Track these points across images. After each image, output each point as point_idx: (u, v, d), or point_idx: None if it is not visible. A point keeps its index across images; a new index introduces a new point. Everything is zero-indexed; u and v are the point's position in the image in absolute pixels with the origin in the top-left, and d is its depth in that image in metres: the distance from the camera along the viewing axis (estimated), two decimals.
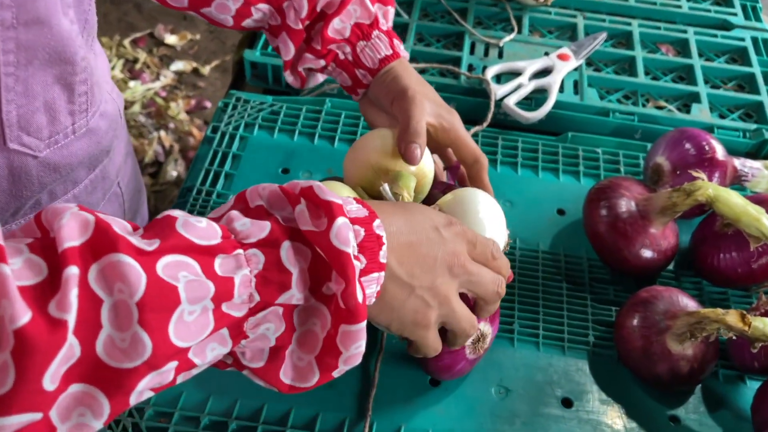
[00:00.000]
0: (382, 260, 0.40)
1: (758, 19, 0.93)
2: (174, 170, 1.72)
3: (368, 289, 0.39)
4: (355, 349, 0.38)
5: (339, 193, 0.51)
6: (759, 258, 0.58)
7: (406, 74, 0.57)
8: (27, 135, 0.45)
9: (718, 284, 0.63)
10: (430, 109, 0.56)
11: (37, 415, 0.30)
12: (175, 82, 1.94)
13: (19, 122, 0.44)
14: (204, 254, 0.34)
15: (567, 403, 0.56)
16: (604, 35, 0.86)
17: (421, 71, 0.81)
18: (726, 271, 0.60)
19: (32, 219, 0.34)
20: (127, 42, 2.00)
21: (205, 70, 1.96)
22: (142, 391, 0.33)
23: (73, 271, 0.30)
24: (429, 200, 0.56)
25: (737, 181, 0.67)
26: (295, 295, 0.37)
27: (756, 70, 0.85)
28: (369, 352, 0.56)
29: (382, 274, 0.40)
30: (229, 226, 0.36)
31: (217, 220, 0.38)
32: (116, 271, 0.31)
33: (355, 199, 0.41)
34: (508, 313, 0.61)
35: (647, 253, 0.60)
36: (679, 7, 0.94)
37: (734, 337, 0.53)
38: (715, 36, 0.90)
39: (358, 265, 0.38)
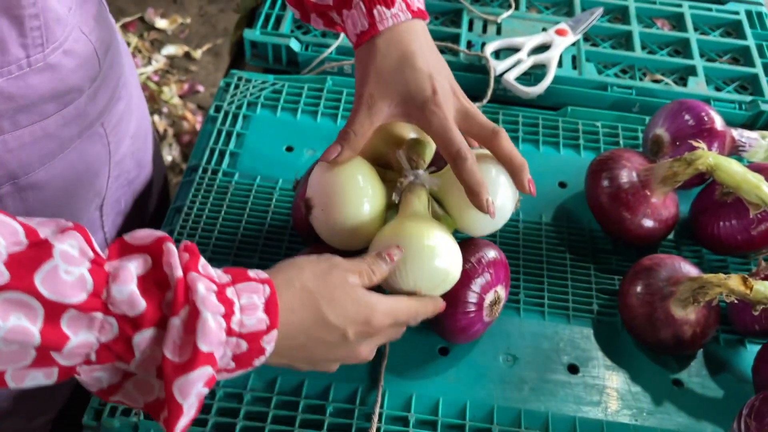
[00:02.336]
0: (256, 364, 0.41)
1: None
2: (169, 155, 1.71)
3: (225, 378, 0.41)
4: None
5: (350, 164, 0.52)
6: (758, 225, 0.60)
7: (369, 62, 0.50)
8: None
9: (718, 252, 0.65)
10: (386, 106, 0.51)
11: None
12: (167, 66, 1.93)
13: None
14: (50, 308, 0.34)
15: (573, 369, 0.57)
16: (600, 10, 0.87)
17: None
18: (726, 238, 0.62)
19: None
20: (117, 26, 1.99)
21: (197, 54, 1.95)
22: None
23: None
24: (434, 163, 0.57)
25: (735, 152, 0.69)
26: (132, 369, 0.38)
27: (750, 43, 0.86)
28: None
29: (250, 369, 0.42)
30: (109, 285, 0.36)
31: (116, 251, 0.38)
32: None
33: (268, 297, 0.40)
34: (514, 284, 0.62)
35: (649, 223, 0.62)
36: None
37: (736, 301, 0.54)
38: (710, 10, 0.90)
39: (202, 392, 0.38)
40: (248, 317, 0.39)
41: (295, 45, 0.80)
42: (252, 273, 0.42)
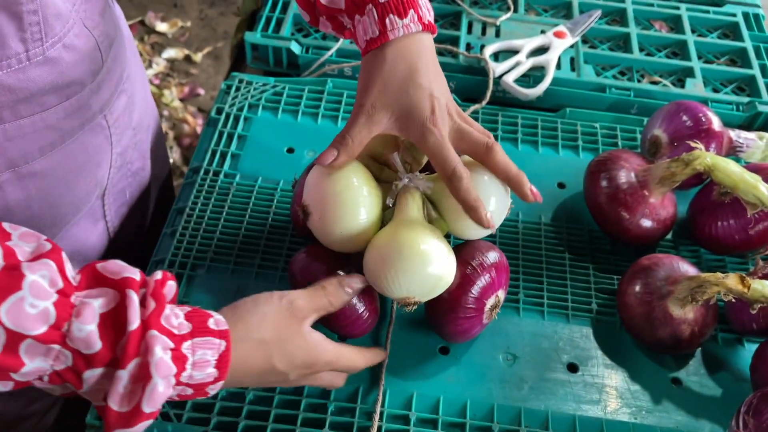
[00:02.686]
0: (200, 398, 0.44)
1: None
2: (170, 157, 1.72)
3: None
4: None
5: (347, 168, 0.52)
6: (756, 224, 0.60)
7: (376, 71, 0.51)
8: None
9: (716, 252, 0.65)
10: (385, 117, 0.51)
11: None
12: (168, 69, 1.93)
13: None
14: (11, 334, 0.37)
15: (572, 368, 0.58)
16: (598, 13, 0.88)
17: None
18: (724, 238, 0.62)
19: None
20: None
21: (197, 57, 1.96)
22: None
23: None
24: (428, 166, 0.57)
25: (732, 152, 0.69)
26: (77, 391, 0.41)
27: (748, 44, 0.86)
28: (380, 323, 0.57)
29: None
30: (71, 320, 0.38)
31: (84, 281, 0.40)
32: None
33: (221, 354, 0.43)
34: (513, 284, 0.62)
35: (647, 223, 0.62)
36: None
37: (733, 300, 0.55)
38: (707, 12, 0.91)
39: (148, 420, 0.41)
40: (198, 372, 0.42)
41: (295, 48, 0.80)
42: (212, 323, 0.44)
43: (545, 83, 0.78)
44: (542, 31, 0.86)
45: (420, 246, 0.50)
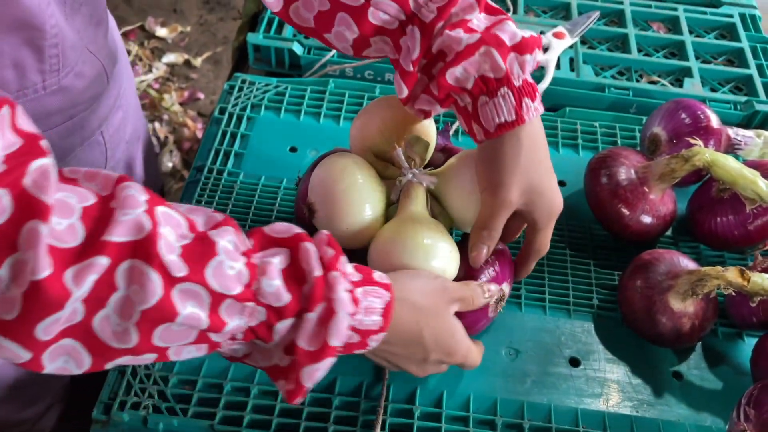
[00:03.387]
0: (357, 352, 0.46)
1: None
2: (169, 161, 1.72)
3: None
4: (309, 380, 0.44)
5: (351, 164, 0.53)
6: (755, 220, 0.61)
7: (514, 153, 0.50)
8: None
9: (716, 248, 0.66)
10: (525, 199, 0.51)
11: (27, 354, 0.35)
12: (168, 74, 1.94)
13: None
14: (217, 298, 0.39)
15: (574, 362, 0.58)
16: (597, 14, 0.89)
17: None
18: (723, 234, 0.63)
19: (112, 176, 0.38)
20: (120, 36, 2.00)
21: (197, 61, 1.97)
22: (119, 364, 0.39)
23: (102, 261, 0.35)
24: (432, 163, 0.58)
25: (731, 150, 0.70)
26: (271, 349, 0.43)
27: (745, 45, 0.87)
28: None
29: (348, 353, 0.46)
30: (259, 279, 0.40)
31: (259, 243, 0.42)
32: (140, 278, 0.36)
33: (387, 303, 0.45)
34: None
35: (647, 219, 0.63)
36: None
37: (733, 294, 0.55)
38: (704, 13, 0.92)
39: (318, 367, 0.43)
40: (367, 317, 0.44)
41: (297, 48, 0.81)
42: (377, 276, 0.46)
43: (545, 83, 0.79)
44: (541, 32, 0.86)
45: (423, 240, 0.50)
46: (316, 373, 0.42)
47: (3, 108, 0.35)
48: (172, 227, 0.38)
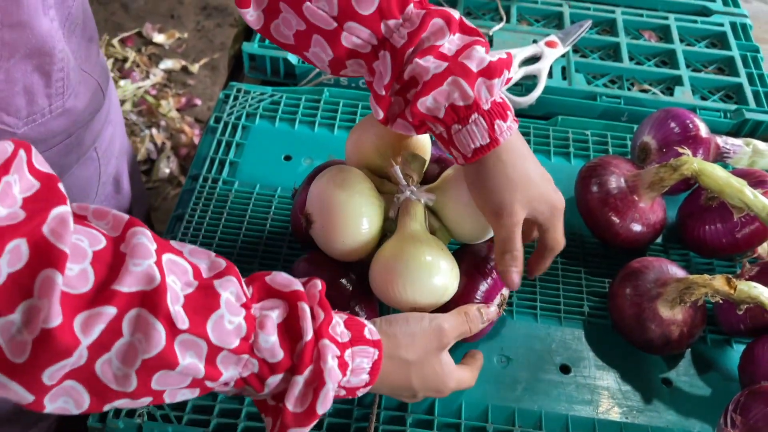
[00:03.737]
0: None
1: (736, 4, 0.97)
2: (167, 167, 1.73)
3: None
4: None
5: (349, 178, 0.53)
6: (742, 228, 0.62)
7: (501, 173, 0.51)
8: (7, 115, 0.51)
9: (705, 255, 0.67)
10: (528, 209, 0.52)
11: (30, 397, 0.36)
12: (165, 80, 1.95)
13: (0, 104, 0.50)
14: (215, 350, 0.40)
15: (565, 369, 0.59)
16: (589, 23, 0.90)
17: None
18: (712, 241, 0.64)
19: (122, 218, 0.39)
20: (115, 41, 2.01)
21: (194, 68, 1.98)
22: (116, 406, 0.40)
23: (110, 310, 0.36)
24: (427, 174, 0.59)
25: (720, 158, 0.71)
26: (257, 397, 0.45)
27: (735, 53, 0.88)
28: None
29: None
30: (257, 332, 0.42)
31: (258, 294, 0.44)
32: (146, 328, 0.37)
33: (374, 361, 0.46)
34: None
35: (637, 227, 0.64)
36: None
37: (721, 301, 0.56)
38: (695, 22, 0.93)
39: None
40: (355, 378, 0.46)
41: (292, 58, 0.82)
42: (367, 333, 0.47)
43: (537, 91, 0.80)
44: (534, 41, 0.87)
45: (425, 258, 0.51)
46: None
47: (19, 150, 0.36)
48: (178, 275, 0.40)
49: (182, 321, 0.38)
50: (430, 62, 0.48)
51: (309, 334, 0.43)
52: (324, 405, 0.43)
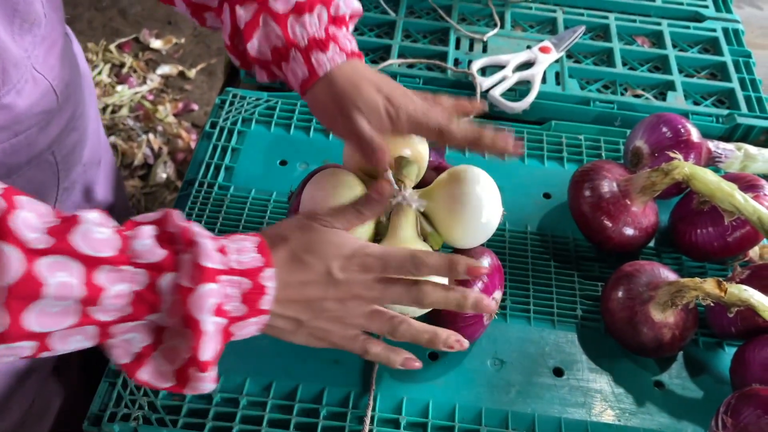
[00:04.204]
0: (264, 307, 0.44)
1: (729, 10, 0.98)
2: (163, 172, 1.73)
3: (243, 330, 0.44)
4: (200, 388, 0.43)
5: (343, 180, 0.54)
6: (733, 232, 0.62)
7: (326, 92, 0.54)
8: None
9: (697, 259, 0.67)
10: (368, 109, 0.53)
11: None
12: (162, 85, 1.95)
13: None
14: (88, 263, 0.38)
15: (558, 372, 0.60)
16: (582, 28, 0.90)
17: (409, 66, 0.84)
18: (703, 245, 0.64)
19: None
20: (113, 47, 2.01)
21: (191, 73, 1.98)
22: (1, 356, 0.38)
23: None
24: (424, 181, 0.59)
25: (712, 163, 0.71)
26: (163, 317, 0.42)
27: (727, 59, 0.89)
28: (370, 332, 0.59)
29: (263, 317, 0.45)
30: (131, 242, 0.40)
31: (130, 226, 0.42)
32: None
33: (259, 243, 0.45)
34: None
35: (629, 231, 0.64)
36: (653, 0, 0.98)
37: (712, 304, 0.56)
38: (688, 27, 0.94)
39: (220, 322, 0.42)
40: (243, 256, 0.43)
41: None
42: (242, 236, 0.46)
43: (531, 97, 0.80)
44: (528, 47, 0.88)
45: None
46: (202, 300, 0.40)
47: None
48: (37, 214, 0.38)
49: (40, 242, 0.37)
50: (245, 11, 0.53)
51: (183, 225, 0.42)
52: (207, 257, 0.41)
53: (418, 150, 0.58)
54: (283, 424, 0.55)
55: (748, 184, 0.64)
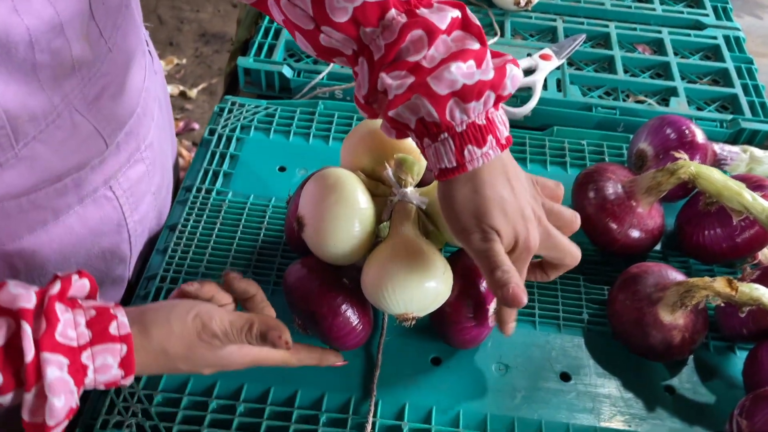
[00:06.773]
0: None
1: (729, 18, 0.97)
2: None
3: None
4: None
5: (342, 180, 0.53)
6: (742, 232, 0.61)
7: (470, 194, 0.47)
8: None
9: (705, 261, 0.66)
10: (505, 232, 0.47)
11: None
12: None
13: None
14: None
15: (565, 377, 0.58)
16: (583, 37, 0.90)
17: None
18: (712, 247, 0.63)
19: None
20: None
21: (193, 93, 1.99)
22: None
23: None
24: (424, 181, 0.58)
25: (717, 165, 0.70)
26: None
27: (729, 65, 0.89)
28: (372, 335, 0.57)
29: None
30: None
31: None
32: None
33: (123, 358, 0.43)
34: None
35: (635, 233, 0.63)
36: (653, 9, 0.98)
37: (722, 305, 0.55)
38: (689, 35, 0.94)
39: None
40: (103, 375, 0.43)
41: (287, 71, 0.82)
42: (114, 329, 0.44)
43: (532, 103, 0.80)
44: (529, 54, 0.88)
45: (417, 262, 0.50)
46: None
47: None
48: None
49: None
50: (395, 80, 0.45)
51: (30, 354, 0.41)
52: (53, 416, 0.41)
53: (417, 148, 0.57)
54: (281, 430, 0.53)
55: (755, 185, 0.62)
